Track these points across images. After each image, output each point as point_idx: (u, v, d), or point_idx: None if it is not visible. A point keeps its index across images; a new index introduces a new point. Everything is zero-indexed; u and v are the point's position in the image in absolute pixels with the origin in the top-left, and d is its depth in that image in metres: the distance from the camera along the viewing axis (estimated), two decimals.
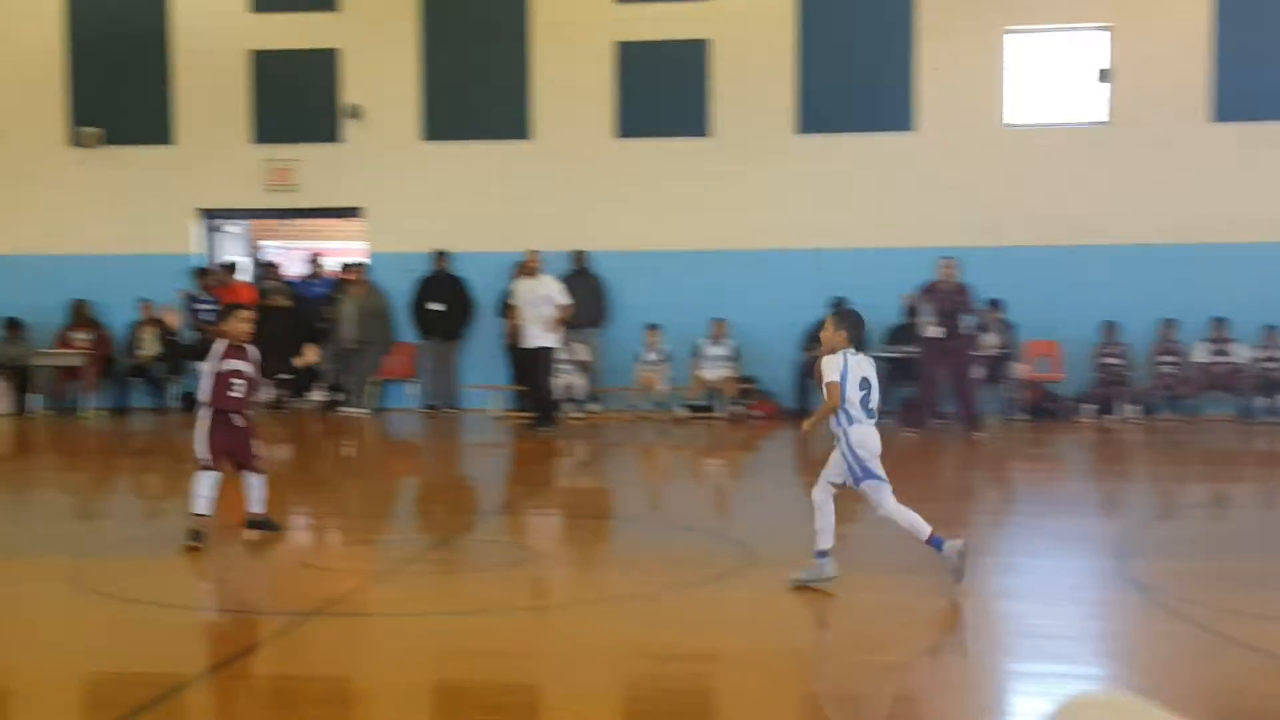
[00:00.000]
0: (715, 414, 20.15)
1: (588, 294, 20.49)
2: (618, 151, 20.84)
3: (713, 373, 20.15)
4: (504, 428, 19.08)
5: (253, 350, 10.72)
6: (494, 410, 20.14)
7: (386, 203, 20.96)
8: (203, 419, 10.54)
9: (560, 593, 9.22)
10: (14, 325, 20.80)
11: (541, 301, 18.81)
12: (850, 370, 8.76)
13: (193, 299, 20.70)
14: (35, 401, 20.57)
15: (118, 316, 20.98)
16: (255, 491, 10.78)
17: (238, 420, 10.60)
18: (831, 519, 9.03)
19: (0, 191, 21.16)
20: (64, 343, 20.80)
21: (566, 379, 20.17)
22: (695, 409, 20.29)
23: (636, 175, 20.78)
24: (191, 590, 9.97)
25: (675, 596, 9.01)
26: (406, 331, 20.89)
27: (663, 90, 20.74)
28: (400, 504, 14.37)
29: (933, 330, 18.15)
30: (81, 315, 20.85)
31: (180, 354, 20.64)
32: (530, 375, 18.83)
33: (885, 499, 8.80)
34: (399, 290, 20.72)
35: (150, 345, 20.69)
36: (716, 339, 20.24)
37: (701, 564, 9.53)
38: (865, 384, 8.78)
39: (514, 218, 20.67)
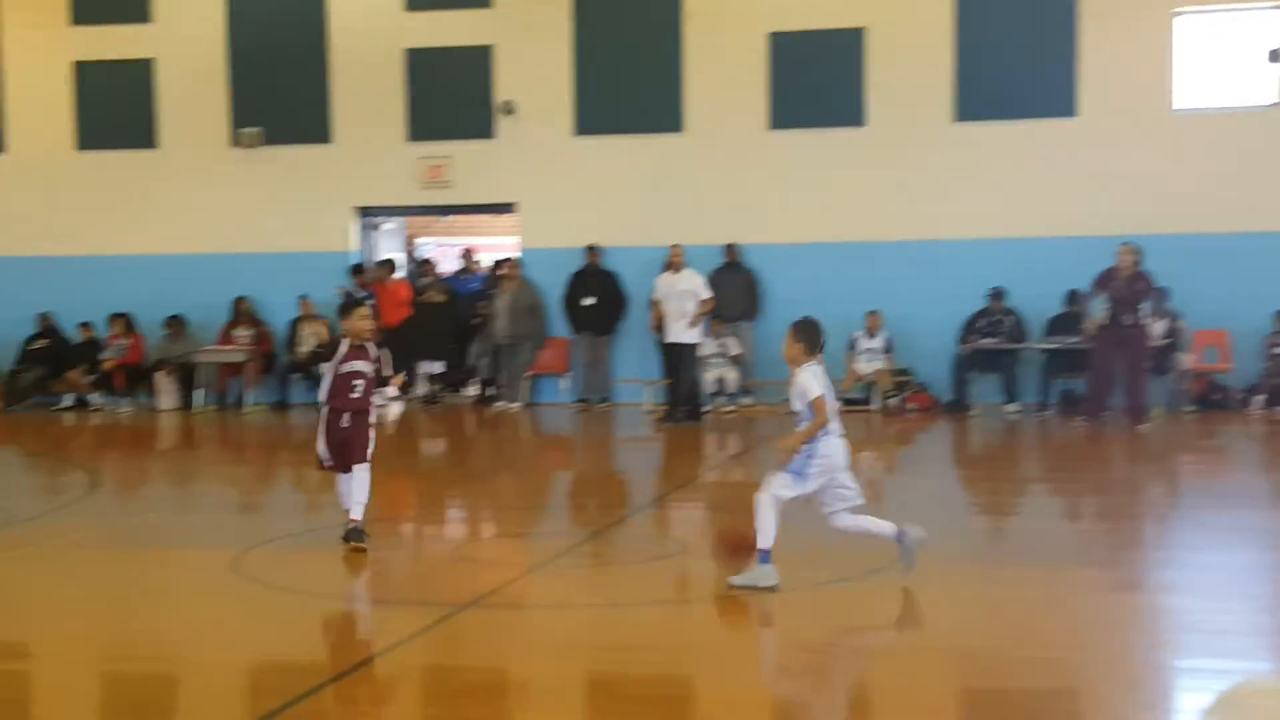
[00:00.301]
0: (870, 407, 19.89)
1: (740, 287, 20.37)
2: (771, 143, 20.68)
3: (867, 365, 19.90)
4: (655, 421, 19.06)
5: (374, 349, 10.71)
6: (647, 404, 20.12)
7: (539, 198, 21.06)
8: (322, 419, 10.45)
9: (712, 586, 9.13)
10: (178, 323, 21.31)
11: (683, 296, 18.79)
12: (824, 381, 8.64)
13: (350, 295, 20.99)
14: (200, 397, 21.06)
15: (278, 314, 21.38)
16: (357, 495, 10.38)
17: (345, 421, 10.42)
18: (872, 524, 8.89)
19: (165, 192, 21.68)
20: (226, 340, 21.25)
21: (718, 372, 20.08)
22: (849, 402, 20.04)
23: (790, 167, 20.60)
24: (349, 582, 10.07)
25: (827, 590, 8.87)
26: (559, 326, 20.98)
27: (817, 80, 20.53)
28: (553, 497, 14.41)
29: (1102, 319, 17.71)
30: (243, 312, 21.29)
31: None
32: (673, 369, 18.87)
33: (773, 491, 8.66)
34: (552, 285, 20.81)
35: (309, 341, 21.05)
36: (871, 331, 19.98)
37: (854, 559, 9.37)
38: (830, 394, 8.69)
39: (666, 211, 20.62)
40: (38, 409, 21.32)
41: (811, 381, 8.61)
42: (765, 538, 8.60)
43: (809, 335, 8.73)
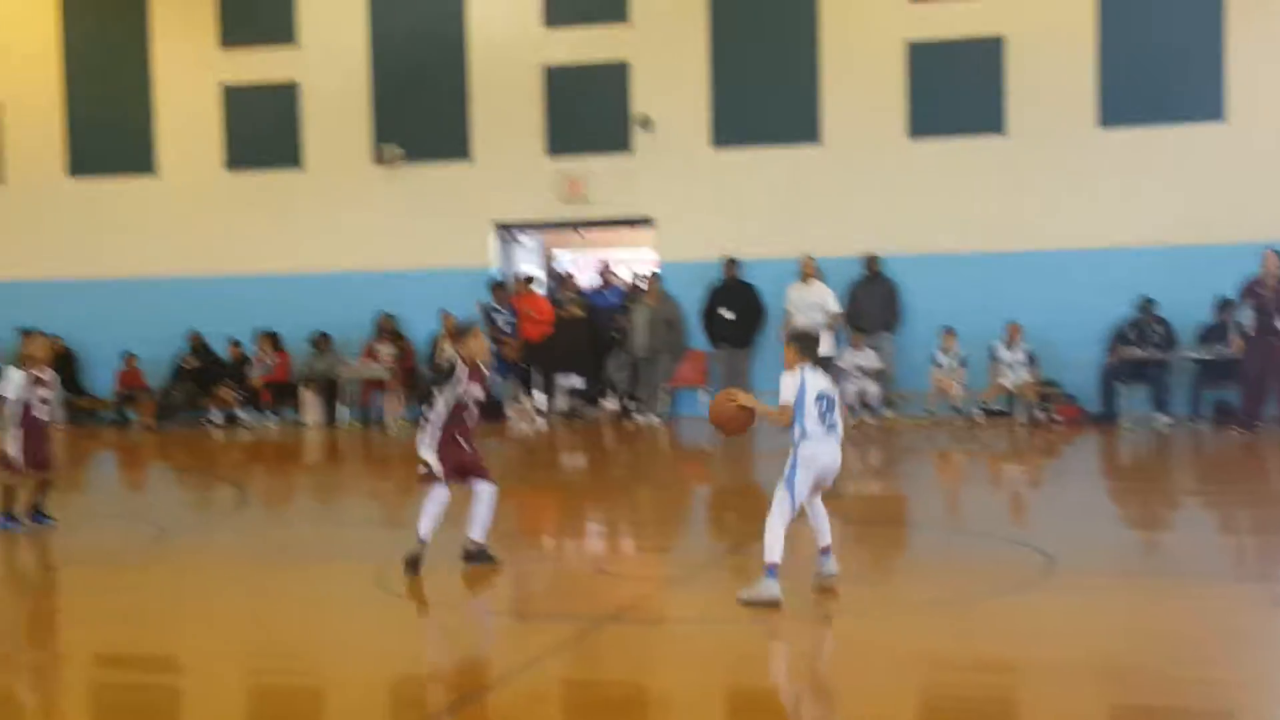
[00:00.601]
0: (1014, 418, 19.55)
1: (879, 298, 20.18)
2: (910, 152, 20.46)
3: (1011, 376, 19.57)
4: None
5: (487, 371, 10.65)
6: None
7: (676, 211, 21.07)
8: (432, 438, 10.27)
9: (855, 600, 9.01)
10: (323, 339, 21.67)
11: (813, 308, 18.69)
12: (807, 386, 8.89)
13: (489, 311, 21.19)
14: (343, 413, 21.39)
15: (420, 329, 21.64)
16: (485, 517, 10.35)
17: (464, 443, 10.34)
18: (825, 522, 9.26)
19: (309, 211, 22.07)
20: (370, 355, 21.56)
21: (858, 385, 19.89)
22: (993, 413, 19.73)
23: (929, 176, 20.36)
24: (491, 596, 10.12)
25: (974, 605, 8.71)
26: (698, 339, 20.94)
27: (956, 88, 20.27)
28: (692, 511, 14.36)
29: (1250, 328, 17.23)
30: (386, 329, 21.58)
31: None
32: None
33: (777, 511, 8.86)
34: (690, 298, 20.79)
35: (450, 357, 21.24)
36: (1009, 343, 19.64)
37: (1001, 572, 9.19)
38: (823, 398, 8.93)
39: (804, 223, 20.50)
40: (189, 425, 21.82)
41: (784, 385, 8.96)
42: (771, 553, 8.73)
43: (801, 343, 9.09)
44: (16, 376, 12.10)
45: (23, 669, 8.62)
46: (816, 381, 8.98)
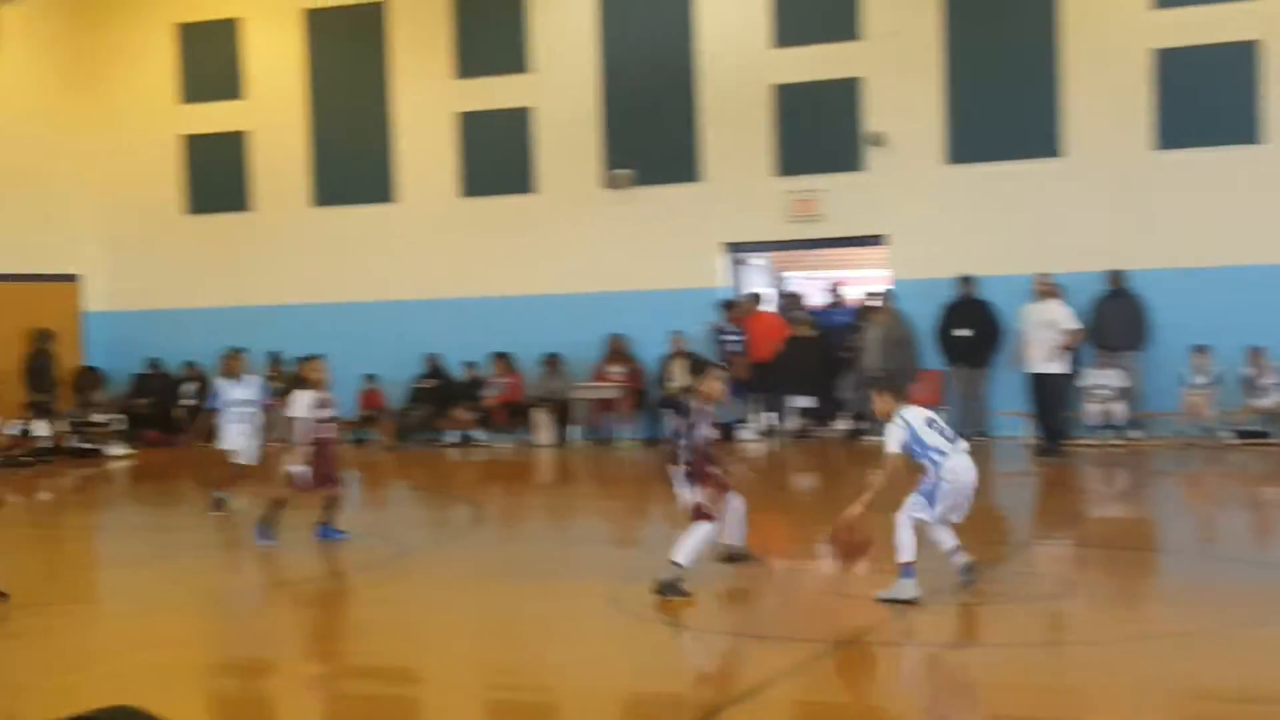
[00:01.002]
0: (1271, 440, 18.63)
1: (1126, 315, 19.47)
2: (1157, 164, 19.70)
3: (1268, 397, 18.67)
4: (1033, 455, 18.39)
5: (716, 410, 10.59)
6: (1025, 438, 19.43)
7: (910, 229, 20.70)
8: (687, 475, 10.15)
9: (1100, 627, 8.65)
10: (554, 360, 21.89)
11: (1047, 326, 18.15)
12: (913, 423, 9.38)
13: (719, 331, 21.13)
14: (574, 433, 21.56)
15: (650, 350, 21.69)
16: (737, 520, 10.50)
17: (713, 467, 10.43)
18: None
19: (542, 235, 22.35)
20: (600, 376, 21.70)
21: (1103, 405, 19.22)
22: (1247, 435, 18.84)
23: (1178, 188, 19.57)
24: (725, 616, 10.02)
25: (1231, 634, 8.26)
26: (932, 358, 20.52)
27: (1206, 97, 19.45)
28: (926, 534, 14.01)
29: None
30: (616, 349, 21.70)
31: None
32: (1038, 400, 18.29)
33: (907, 512, 9.46)
34: (923, 316, 20.40)
35: (680, 377, 21.24)
36: (1257, 367, 18.72)
37: (1259, 599, 8.70)
38: (933, 422, 9.50)
39: (1044, 239, 19.91)
40: (425, 445, 22.27)
41: (891, 434, 9.41)
42: (904, 553, 9.21)
43: (893, 389, 9.68)
44: (304, 398, 12.68)
45: (275, 679, 8.84)
46: (917, 414, 9.42)
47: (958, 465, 9.35)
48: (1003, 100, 20.23)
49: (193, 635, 9.70)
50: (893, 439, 9.42)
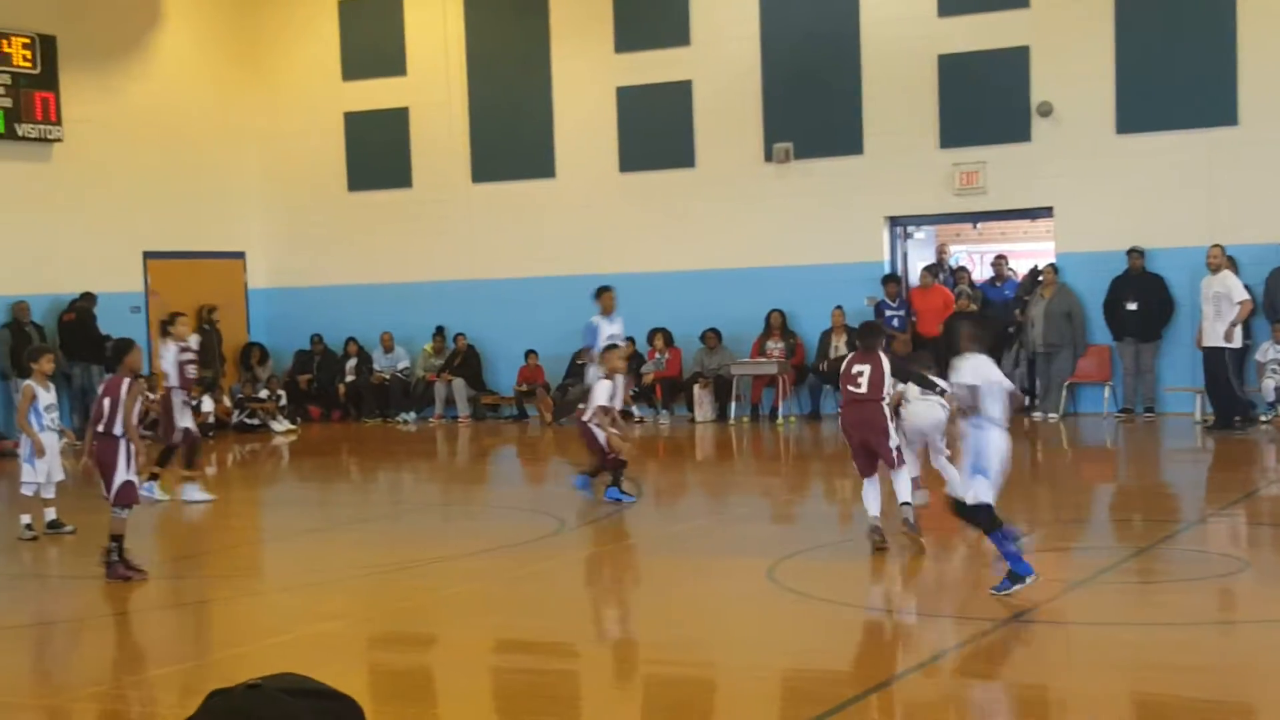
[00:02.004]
0: None
1: None
2: None
3: None
4: (1205, 431, 17.86)
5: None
6: (1197, 414, 18.87)
7: (1077, 201, 20.17)
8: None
9: (1272, 606, 8.33)
10: (714, 336, 21.79)
11: (1218, 299, 17.60)
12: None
13: (881, 306, 20.85)
14: (734, 409, 21.45)
15: (810, 325, 21.48)
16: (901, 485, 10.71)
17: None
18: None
19: (701, 209, 22.24)
20: (760, 352, 21.54)
21: (1276, 379, 18.56)
22: None
23: None
24: (884, 593, 9.89)
25: None
26: (1100, 333, 20.01)
27: None
28: (1094, 511, 13.70)
29: None
30: (776, 325, 21.53)
31: None
32: (1210, 375, 17.78)
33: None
34: (1090, 290, 19.89)
35: (841, 352, 21.01)
36: None
37: None
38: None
39: (1218, 210, 19.26)
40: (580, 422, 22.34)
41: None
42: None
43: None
44: (604, 385, 13.80)
45: (437, 652, 8.93)
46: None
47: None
48: (1176, 67, 19.58)
49: (357, 608, 9.83)
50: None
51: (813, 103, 21.36)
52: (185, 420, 14.04)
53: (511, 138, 23.32)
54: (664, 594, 10.06)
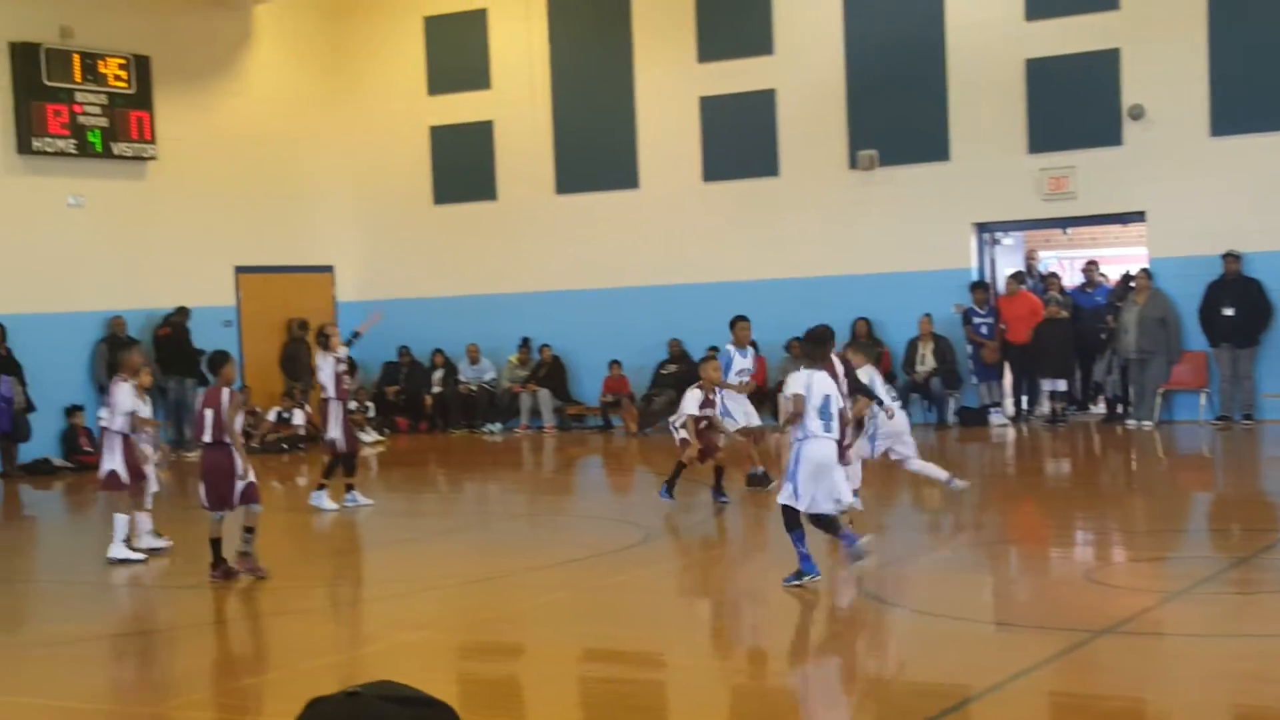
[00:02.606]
0: None
1: None
2: None
3: None
4: None
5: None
6: None
7: (1170, 205, 19.86)
8: None
9: None
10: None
11: None
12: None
13: (969, 314, 20.64)
14: None
15: (897, 333, 21.31)
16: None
17: None
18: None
19: (786, 218, 22.15)
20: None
21: None
22: None
23: None
24: (977, 604, 9.76)
25: None
26: (1195, 339, 19.68)
27: None
28: (1191, 521, 13.46)
29: None
30: (862, 333, 21.34)
31: (957, 369, 20.65)
32: None
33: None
34: (1185, 296, 19.57)
35: (929, 360, 20.85)
36: None
37: None
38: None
39: None
40: (667, 431, 22.33)
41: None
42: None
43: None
44: (695, 395, 14.15)
45: (526, 660, 8.94)
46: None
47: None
48: (1271, 67, 19.24)
49: (447, 617, 9.88)
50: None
51: (898, 109, 21.21)
52: (336, 431, 14.28)
53: (595, 149, 23.37)
54: (751, 603, 10.01)
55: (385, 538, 13.62)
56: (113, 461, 11.98)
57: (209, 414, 10.89)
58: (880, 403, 11.98)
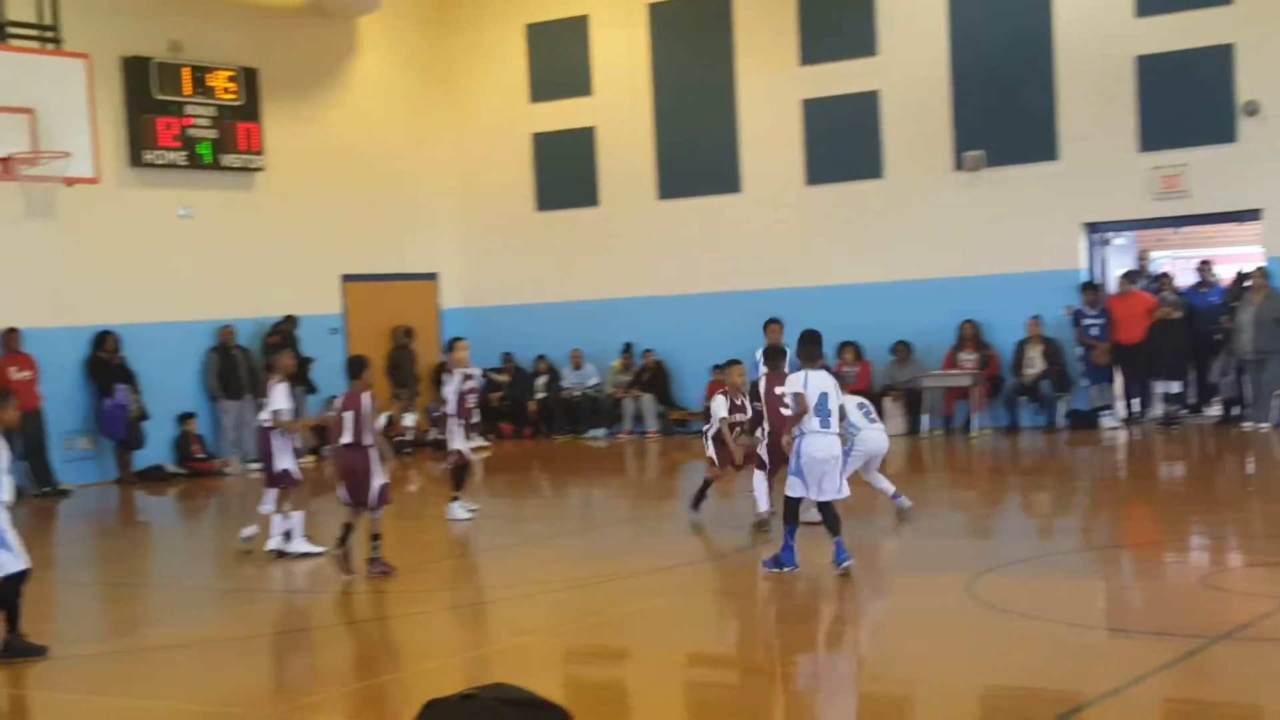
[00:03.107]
0: None
1: None
2: None
3: None
4: None
5: None
6: None
7: None
8: None
9: None
10: (904, 348, 21.49)
11: None
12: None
13: (1079, 315, 20.34)
14: (926, 422, 21.11)
15: (1004, 336, 21.05)
16: None
17: None
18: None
19: (890, 220, 21.97)
20: (952, 363, 21.18)
21: None
22: None
23: None
24: (1089, 609, 9.61)
25: None
26: None
27: None
28: None
29: None
30: (968, 336, 21.15)
31: (1067, 371, 20.37)
32: None
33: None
34: None
35: (1037, 363, 20.57)
36: None
37: None
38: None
39: None
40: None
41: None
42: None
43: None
44: (720, 400, 13.85)
45: (631, 665, 8.94)
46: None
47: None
48: None
49: (553, 622, 9.90)
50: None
51: (1004, 109, 20.97)
52: (458, 443, 14.42)
53: (696, 153, 23.36)
54: (859, 609, 9.93)
55: (492, 542, 13.69)
56: (285, 460, 12.39)
57: (349, 416, 11.20)
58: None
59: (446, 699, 2.37)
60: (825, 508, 10.30)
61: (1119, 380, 20.58)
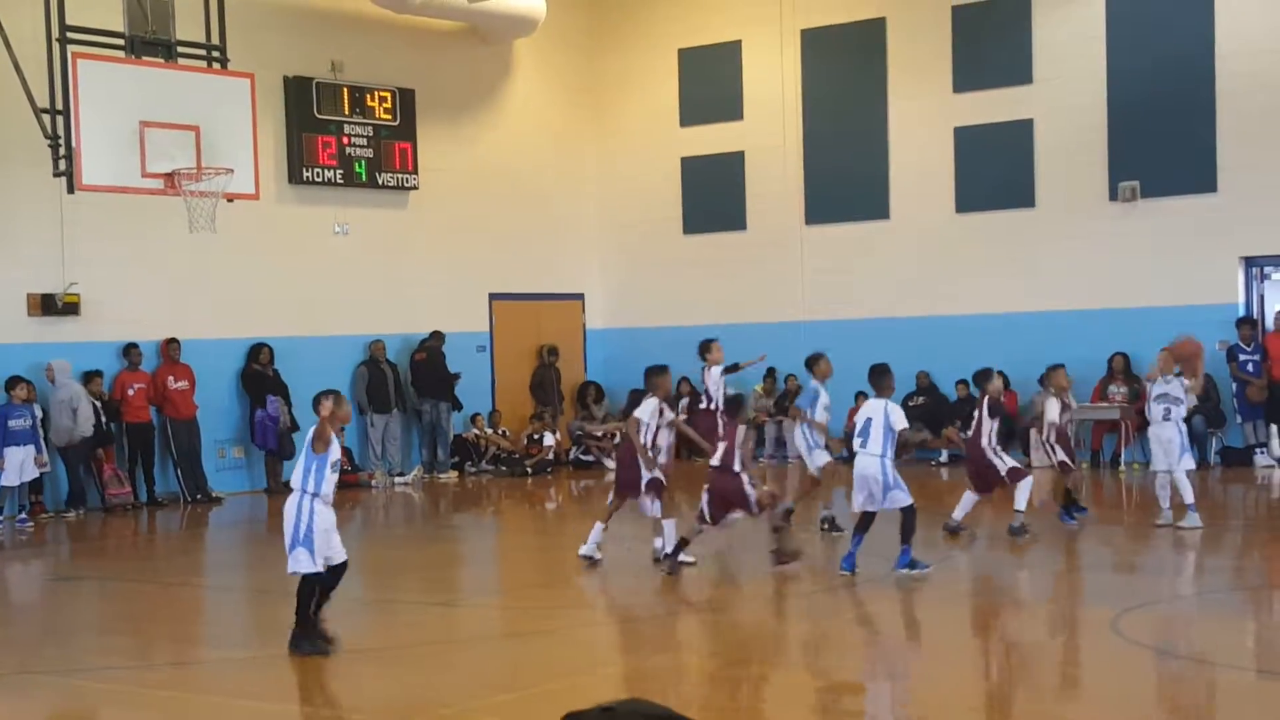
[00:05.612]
0: None
1: None
2: None
3: None
4: None
5: None
6: None
7: None
8: None
9: None
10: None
11: None
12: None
13: (1235, 350, 19.85)
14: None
15: None
16: None
17: None
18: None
19: (1042, 250, 21.65)
20: (1102, 396, 20.79)
21: None
22: None
23: None
24: (1239, 649, 9.36)
25: None
26: None
27: None
28: None
29: None
30: (1118, 369, 20.75)
31: (1220, 407, 19.87)
32: None
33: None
34: None
35: (1190, 399, 20.08)
36: None
37: None
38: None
39: None
40: (915, 464, 22.01)
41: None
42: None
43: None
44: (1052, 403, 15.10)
45: (769, 688, 8.92)
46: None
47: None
48: None
49: (687, 641, 9.92)
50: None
51: (1162, 138, 20.58)
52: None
53: (846, 179, 23.26)
54: (1003, 643, 9.80)
55: (630, 561, 13.74)
56: (654, 469, 12.92)
57: (722, 445, 12.17)
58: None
59: (585, 712, 2.40)
60: (863, 520, 11.75)
61: (1275, 418, 20.03)
